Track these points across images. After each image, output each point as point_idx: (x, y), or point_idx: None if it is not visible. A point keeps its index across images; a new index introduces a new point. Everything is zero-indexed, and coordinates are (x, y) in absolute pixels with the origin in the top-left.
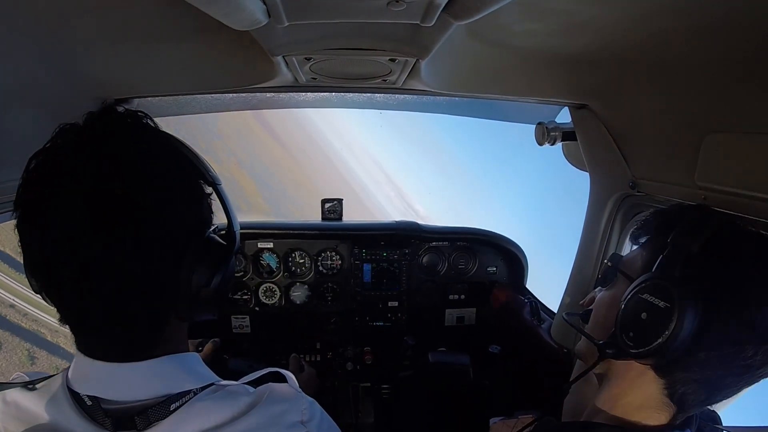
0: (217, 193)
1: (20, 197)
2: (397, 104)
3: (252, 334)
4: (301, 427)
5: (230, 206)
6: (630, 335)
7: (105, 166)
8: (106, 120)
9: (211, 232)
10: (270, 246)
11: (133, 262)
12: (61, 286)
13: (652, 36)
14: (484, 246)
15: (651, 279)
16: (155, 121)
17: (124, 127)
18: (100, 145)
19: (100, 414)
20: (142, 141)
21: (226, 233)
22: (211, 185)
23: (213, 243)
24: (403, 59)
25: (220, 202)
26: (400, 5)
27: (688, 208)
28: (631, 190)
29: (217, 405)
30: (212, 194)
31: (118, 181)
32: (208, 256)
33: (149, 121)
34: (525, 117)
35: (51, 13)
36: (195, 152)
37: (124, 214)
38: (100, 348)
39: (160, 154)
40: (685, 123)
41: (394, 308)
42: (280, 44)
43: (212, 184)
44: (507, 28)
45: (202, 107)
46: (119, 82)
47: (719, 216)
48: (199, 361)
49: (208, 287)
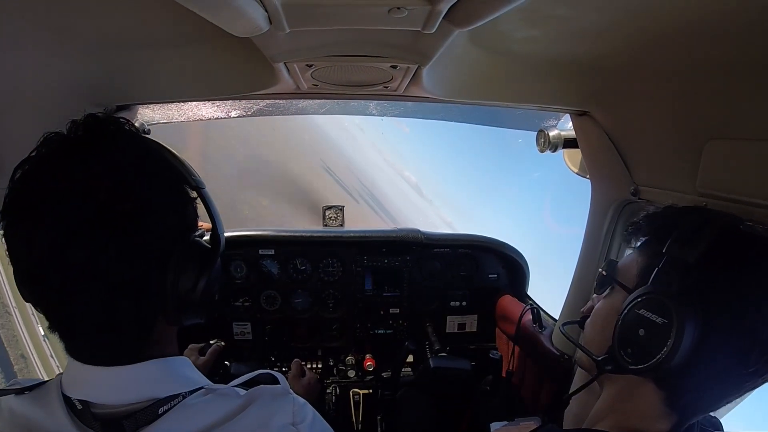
0: (201, 197)
1: (6, 206)
2: (398, 111)
3: (253, 340)
4: (292, 428)
5: (215, 210)
6: (628, 351)
7: (88, 174)
8: (89, 127)
9: (196, 236)
10: (271, 253)
11: (118, 268)
12: (49, 293)
13: (652, 43)
14: (485, 253)
15: (647, 294)
16: (151, 127)
17: (107, 134)
18: (84, 152)
19: (89, 418)
20: (125, 147)
21: (211, 237)
22: (195, 189)
23: (198, 247)
24: (404, 66)
25: (204, 206)
26: (401, 12)
27: (683, 212)
28: (632, 197)
29: (206, 408)
30: (197, 199)
31: (101, 187)
32: (194, 260)
33: (132, 128)
34: (526, 124)
35: (53, 20)
36: (178, 157)
37: (109, 220)
38: (90, 353)
39: (143, 160)
40: (686, 129)
41: (395, 315)
42: (282, 51)
43: (196, 189)
44: (508, 35)
45: (204, 114)
46: (121, 88)
47: (717, 220)
48: (189, 364)
49: (195, 291)
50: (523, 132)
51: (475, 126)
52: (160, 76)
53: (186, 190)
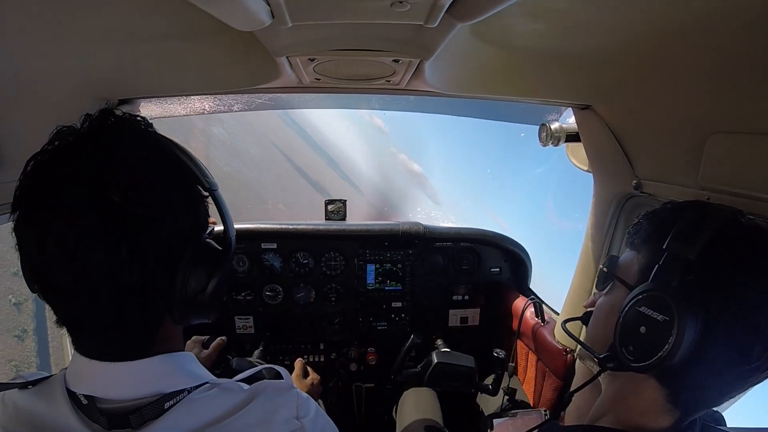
0: (213, 198)
1: (18, 200)
2: (401, 105)
3: (256, 334)
4: (296, 422)
5: (227, 212)
6: (630, 349)
7: (104, 172)
8: (105, 124)
9: (206, 237)
10: (274, 247)
11: (129, 268)
12: (58, 290)
13: (655, 36)
14: (487, 247)
15: (648, 291)
16: (153, 121)
17: (123, 131)
18: (99, 149)
19: (95, 413)
20: (142, 146)
21: (222, 238)
22: (208, 191)
23: (209, 248)
24: (406, 60)
25: (216, 207)
26: (403, 6)
27: (683, 208)
28: (634, 191)
29: (211, 402)
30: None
31: (117, 187)
32: (204, 262)
33: (147, 126)
34: (529, 118)
35: (54, 13)
36: (193, 157)
37: (123, 220)
38: (96, 348)
39: (159, 160)
40: (688, 123)
41: (397, 309)
42: (284, 45)
43: (209, 190)
44: (511, 28)
45: (206, 108)
46: (123, 82)
47: (717, 214)
48: (193, 360)
49: (204, 292)
50: (525, 125)
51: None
52: (162, 70)
53: (199, 190)
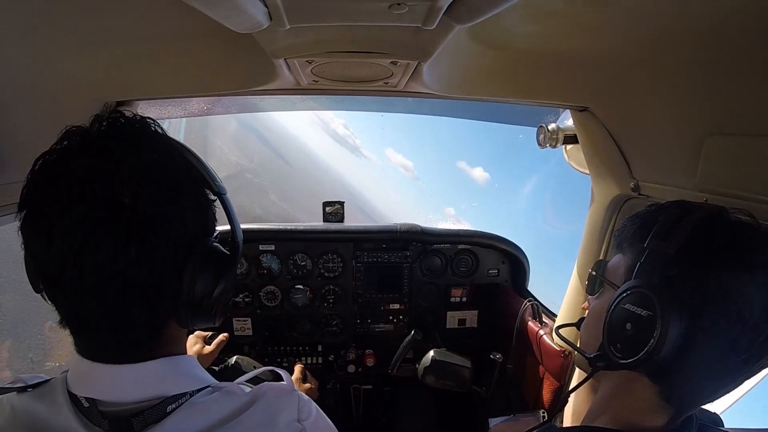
0: (222, 202)
1: (26, 199)
2: (399, 107)
3: (253, 336)
4: (297, 425)
5: (234, 216)
6: (617, 347)
7: (113, 173)
8: (114, 124)
9: (213, 240)
10: (271, 249)
11: (136, 270)
12: (64, 290)
13: (653, 38)
14: (485, 248)
15: (631, 288)
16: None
17: (133, 132)
18: (109, 150)
19: (97, 416)
20: (151, 148)
21: (230, 243)
22: (216, 195)
23: (216, 252)
24: (404, 62)
25: (224, 211)
26: (401, 8)
27: (665, 208)
28: (632, 193)
29: (213, 405)
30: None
31: (126, 189)
32: (211, 266)
33: (157, 128)
34: (526, 119)
35: (52, 15)
36: (201, 161)
37: (131, 222)
38: (98, 350)
39: (168, 163)
40: (686, 125)
41: (395, 311)
42: (282, 47)
43: (218, 194)
44: (509, 30)
45: (204, 110)
46: (121, 84)
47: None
48: (196, 364)
49: (210, 297)
50: (523, 127)
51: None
52: (160, 72)
53: (207, 194)
